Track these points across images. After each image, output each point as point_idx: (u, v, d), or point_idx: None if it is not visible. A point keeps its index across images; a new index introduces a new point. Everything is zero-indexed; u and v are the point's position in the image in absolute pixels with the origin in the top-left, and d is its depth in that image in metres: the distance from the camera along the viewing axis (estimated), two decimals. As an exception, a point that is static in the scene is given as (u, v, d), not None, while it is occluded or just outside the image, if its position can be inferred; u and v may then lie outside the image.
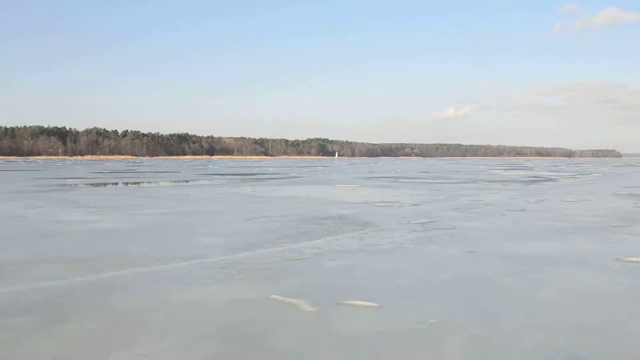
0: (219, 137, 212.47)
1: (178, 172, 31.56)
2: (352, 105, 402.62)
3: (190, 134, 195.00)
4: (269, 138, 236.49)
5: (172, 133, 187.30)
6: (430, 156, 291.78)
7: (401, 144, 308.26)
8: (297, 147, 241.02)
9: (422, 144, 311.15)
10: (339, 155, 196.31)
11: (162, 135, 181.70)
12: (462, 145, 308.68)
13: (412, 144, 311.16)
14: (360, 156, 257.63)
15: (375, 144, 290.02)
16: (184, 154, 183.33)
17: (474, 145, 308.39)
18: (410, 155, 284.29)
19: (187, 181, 20.59)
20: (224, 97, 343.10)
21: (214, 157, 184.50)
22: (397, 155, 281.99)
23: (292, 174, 27.81)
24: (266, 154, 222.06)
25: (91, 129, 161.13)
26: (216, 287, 3.97)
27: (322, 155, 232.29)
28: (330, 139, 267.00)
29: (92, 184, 17.58)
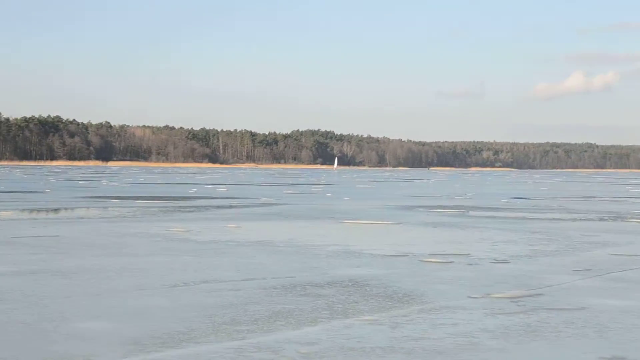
0: (123, 127, 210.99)
1: (40, 192, 31.60)
2: (380, 71, 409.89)
3: (64, 118, 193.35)
4: (218, 129, 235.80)
5: (29, 117, 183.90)
6: (530, 166, 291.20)
7: (475, 142, 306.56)
8: (272, 148, 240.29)
9: (516, 144, 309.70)
10: (339, 164, 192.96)
11: (6, 120, 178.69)
12: (598, 147, 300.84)
13: (495, 143, 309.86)
14: (394, 165, 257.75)
15: (424, 143, 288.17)
16: (53, 157, 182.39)
17: (620, 147, 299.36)
18: (493, 166, 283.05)
19: (56, 210, 20.57)
20: (131, 55, 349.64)
21: (111, 163, 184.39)
22: (467, 165, 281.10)
23: (264, 199, 27.90)
24: (214, 159, 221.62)
25: None
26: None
27: (321, 162, 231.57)
28: (336, 132, 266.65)
29: None
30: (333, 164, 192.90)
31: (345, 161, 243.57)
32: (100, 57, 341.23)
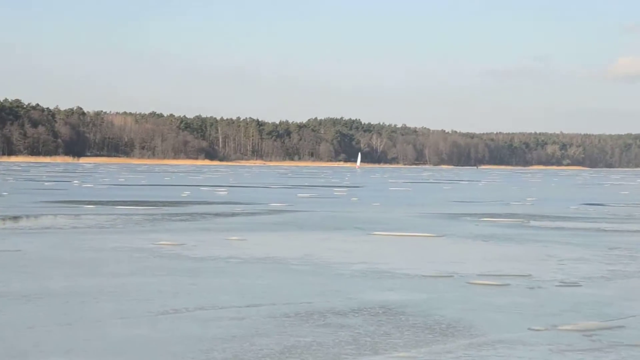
0: (98, 114, 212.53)
1: (-3, 195, 31.75)
2: (417, 46, 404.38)
3: (25, 103, 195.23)
4: (217, 117, 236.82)
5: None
6: (607, 164, 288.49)
7: (536, 134, 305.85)
8: (284, 141, 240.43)
9: (589, 135, 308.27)
10: (363, 162, 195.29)
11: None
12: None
13: (562, 134, 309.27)
14: (436, 163, 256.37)
15: (473, 135, 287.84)
16: (11, 152, 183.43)
17: None
18: (559, 164, 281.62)
19: (16, 218, 20.64)
20: (108, 25, 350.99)
21: (84, 159, 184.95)
22: (526, 163, 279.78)
23: (274, 204, 27.90)
24: (212, 154, 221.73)
25: None
26: None
27: (345, 159, 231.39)
28: (363, 121, 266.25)
29: None
30: (356, 160, 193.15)
31: (374, 158, 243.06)
32: (70, 28, 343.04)
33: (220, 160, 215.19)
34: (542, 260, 12.89)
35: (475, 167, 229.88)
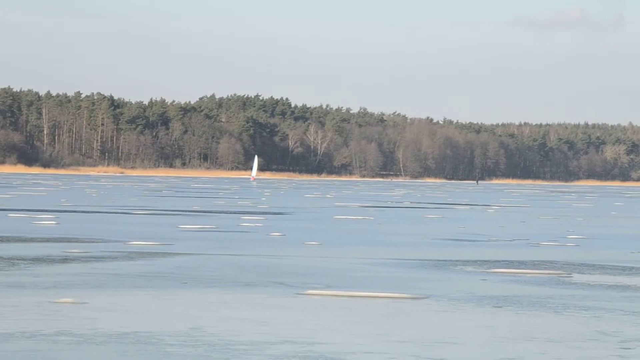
0: None
1: None
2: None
3: None
4: (39, 91, 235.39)
5: None
6: None
7: (587, 127, 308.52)
8: (158, 135, 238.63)
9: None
10: (259, 170, 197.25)
11: None
12: None
13: (632, 127, 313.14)
14: (415, 175, 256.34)
15: (479, 127, 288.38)
16: None
17: None
18: (627, 178, 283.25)
19: None
20: None
21: None
22: (568, 176, 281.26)
23: (139, 243, 27.84)
24: (30, 156, 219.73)
25: None
26: None
27: (263, 165, 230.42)
28: (294, 102, 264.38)
29: None
30: (252, 167, 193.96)
31: (311, 164, 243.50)
32: None
33: (45, 165, 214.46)
34: (593, 341, 13.01)
35: (475, 182, 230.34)
